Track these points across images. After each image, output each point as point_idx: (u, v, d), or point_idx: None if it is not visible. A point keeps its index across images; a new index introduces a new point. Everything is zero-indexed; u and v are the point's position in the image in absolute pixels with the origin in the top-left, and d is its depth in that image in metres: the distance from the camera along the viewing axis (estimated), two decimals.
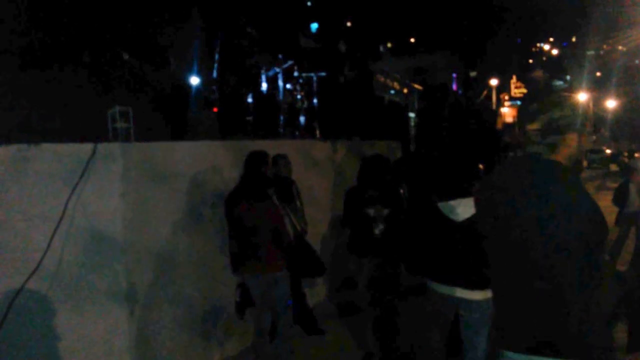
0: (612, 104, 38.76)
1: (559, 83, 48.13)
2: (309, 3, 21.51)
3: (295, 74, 8.92)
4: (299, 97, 8.80)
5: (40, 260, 3.69)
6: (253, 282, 4.33)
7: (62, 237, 3.73)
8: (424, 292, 3.71)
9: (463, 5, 35.06)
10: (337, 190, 6.78)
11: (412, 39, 35.65)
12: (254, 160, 4.37)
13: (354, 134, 8.37)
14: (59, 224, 3.70)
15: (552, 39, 56.87)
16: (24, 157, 3.80)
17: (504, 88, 46.85)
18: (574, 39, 54.48)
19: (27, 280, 3.69)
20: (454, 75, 34.32)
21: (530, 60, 55.63)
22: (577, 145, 2.07)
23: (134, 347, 3.86)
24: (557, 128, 2.04)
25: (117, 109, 5.76)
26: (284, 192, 4.95)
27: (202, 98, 9.85)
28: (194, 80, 10.62)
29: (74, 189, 3.70)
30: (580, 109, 2.08)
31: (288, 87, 8.80)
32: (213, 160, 4.78)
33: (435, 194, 3.70)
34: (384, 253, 4.52)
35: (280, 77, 8.66)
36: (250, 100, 8.45)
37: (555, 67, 52.55)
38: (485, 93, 38.35)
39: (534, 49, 57.56)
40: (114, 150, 3.79)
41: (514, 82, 50.05)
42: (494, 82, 39.74)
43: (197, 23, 12.19)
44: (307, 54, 13.62)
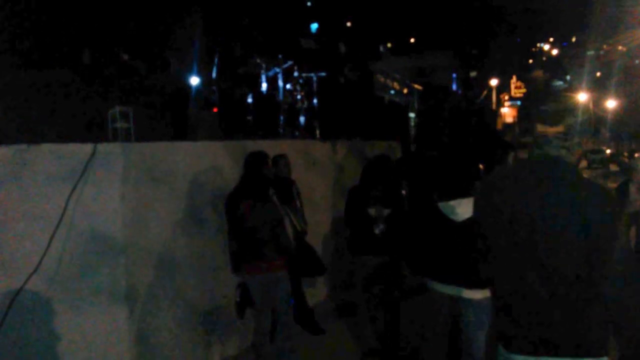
0: (612, 104, 38.73)
1: (559, 83, 48.08)
2: (309, 3, 21.51)
3: (295, 74, 8.91)
4: (299, 97, 8.79)
5: (40, 260, 3.69)
6: (253, 282, 4.34)
7: (62, 237, 3.73)
8: (425, 292, 3.72)
9: (463, 6, 35.07)
10: (337, 191, 6.78)
11: (412, 39, 35.65)
12: (254, 161, 4.38)
13: (354, 134, 8.37)
14: (59, 224, 3.70)
15: (552, 39, 56.85)
16: (24, 157, 3.80)
17: (504, 88, 46.86)
18: (574, 39, 54.47)
19: (27, 280, 3.69)
20: (454, 76, 34.31)
21: (530, 61, 55.63)
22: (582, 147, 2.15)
23: (134, 347, 3.86)
24: (576, 132, 2.10)
25: (117, 109, 5.78)
26: (284, 192, 4.95)
27: (202, 98, 9.85)
28: (194, 81, 10.62)
29: (74, 189, 3.70)
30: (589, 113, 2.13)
31: (288, 87, 8.79)
32: (213, 160, 4.78)
33: (436, 194, 3.71)
34: (384, 253, 4.53)
35: (280, 77, 8.65)
36: (250, 100, 8.44)
37: (555, 67, 52.53)
38: (485, 93, 38.36)
39: (534, 49, 57.53)
40: (114, 151, 3.79)
41: (514, 82, 50.07)
42: (494, 82, 39.75)
43: (197, 23, 12.20)
44: (307, 54, 13.62)
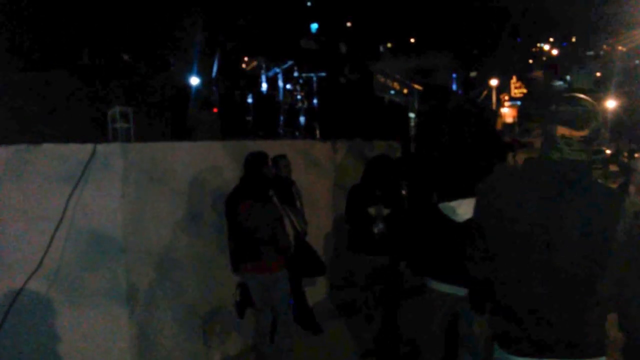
0: (612, 104, 38.69)
1: (559, 83, 48.04)
2: (309, 3, 21.51)
3: (296, 75, 8.92)
4: (299, 97, 8.79)
5: (41, 261, 3.70)
6: (253, 282, 4.34)
7: (62, 237, 3.73)
8: (423, 292, 3.72)
9: (463, 6, 35.05)
10: (337, 191, 6.78)
11: (412, 39, 35.61)
12: (254, 161, 4.38)
13: (354, 135, 8.36)
14: (59, 224, 3.70)
15: (552, 39, 56.81)
16: (24, 157, 3.81)
17: (504, 88, 46.83)
18: (574, 39, 54.43)
19: (27, 280, 3.70)
20: (454, 76, 34.28)
21: (530, 61, 55.58)
22: None
23: (134, 347, 3.86)
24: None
25: (117, 110, 5.78)
26: (284, 192, 4.96)
27: (202, 98, 9.85)
28: (194, 81, 10.61)
29: (74, 189, 3.71)
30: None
31: (288, 87, 8.80)
32: (213, 161, 4.78)
33: (436, 195, 3.71)
34: (384, 252, 4.53)
35: (280, 77, 8.66)
36: (250, 101, 8.44)
37: (555, 67, 52.47)
38: (485, 93, 38.33)
39: (534, 49, 57.49)
40: (114, 151, 3.79)
41: (514, 82, 50.00)
42: (494, 82, 39.71)
43: (197, 24, 12.20)
44: (307, 54, 13.61)
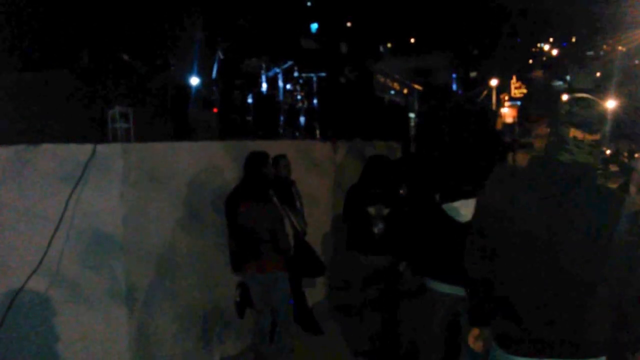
0: (612, 104, 38.69)
1: (559, 83, 48.03)
2: (309, 3, 21.49)
3: (296, 75, 8.92)
4: (299, 97, 8.80)
5: (41, 261, 3.70)
6: (253, 282, 4.34)
7: (62, 237, 3.73)
8: (422, 293, 3.72)
9: (463, 6, 35.04)
10: (337, 191, 6.78)
11: (412, 39, 35.59)
12: (254, 161, 4.38)
13: (354, 135, 8.37)
14: (59, 224, 3.70)
15: (552, 39, 56.77)
16: (24, 157, 3.81)
17: (504, 88, 46.79)
18: (574, 39, 54.40)
19: (27, 280, 3.70)
20: (454, 76, 34.28)
21: (530, 61, 55.53)
22: None
23: (134, 347, 3.86)
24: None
25: (116, 110, 5.78)
26: (284, 192, 4.96)
27: (202, 98, 9.85)
28: (194, 81, 10.61)
29: (74, 189, 3.71)
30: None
31: (288, 87, 8.80)
32: (213, 160, 4.78)
33: (439, 195, 3.71)
34: (383, 252, 4.52)
35: (281, 77, 8.66)
36: (250, 101, 8.44)
37: (555, 67, 52.44)
38: (485, 93, 38.32)
39: (534, 49, 57.44)
40: (114, 151, 3.79)
41: (514, 82, 49.95)
42: (494, 82, 39.68)
43: (197, 24, 12.19)
44: (307, 54, 13.62)
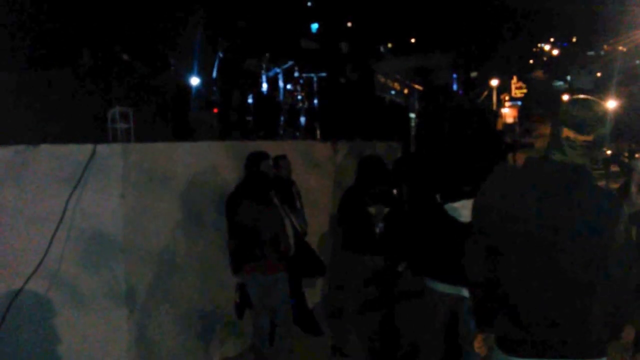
0: (612, 104, 38.67)
1: (559, 83, 48.07)
2: (309, 3, 21.49)
3: (296, 75, 8.91)
4: (300, 97, 8.79)
5: (41, 261, 3.69)
6: (253, 282, 4.34)
7: (61, 237, 3.73)
8: (421, 293, 3.72)
9: (464, 6, 35.02)
10: (337, 191, 6.77)
11: (413, 39, 35.58)
12: (255, 161, 4.38)
13: (355, 135, 8.36)
14: (59, 225, 3.70)
15: (552, 39, 56.77)
16: (24, 157, 3.80)
17: (505, 88, 46.77)
18: (575, 39, 54.41)
19: (27, 281, 3.70)
20: (455, 76, 34.26)
21: (531, 61, 55.52)
22: None
23: (134, 347, 3.86)
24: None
25: (116, 110, 5.76)
26: (284, 192, 4.96)
27: (202, 98, 9.84)
28: (194, 81, 10.60)
29: (74, 190, 3.70)
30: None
31: (289, 87, 8.79)
32: (213, 161, 4.78)
33: (440, 196, 3.70)
34: (383, 252, 4.51)
35: (281, 77, 8.65)
36: (251, 101, 8.43)
37: (556, 67, 52.46)
38: (486, 93, 38.31)
39: (535, 50, 57.43)
40: (114, 151, 3.79)
41: (515, 82, 49.95)
42: (495, 82, 39.67)
43: (198, 24, 12.19)
44: (307, 54, 13.61)
